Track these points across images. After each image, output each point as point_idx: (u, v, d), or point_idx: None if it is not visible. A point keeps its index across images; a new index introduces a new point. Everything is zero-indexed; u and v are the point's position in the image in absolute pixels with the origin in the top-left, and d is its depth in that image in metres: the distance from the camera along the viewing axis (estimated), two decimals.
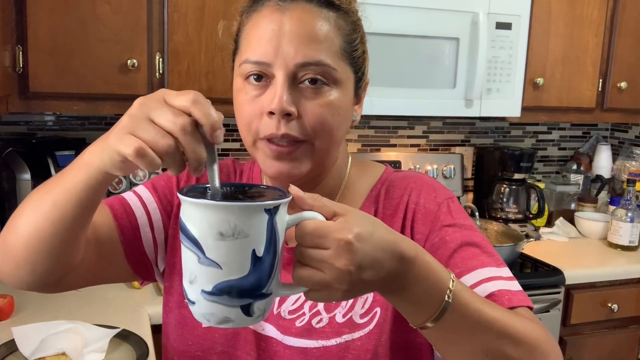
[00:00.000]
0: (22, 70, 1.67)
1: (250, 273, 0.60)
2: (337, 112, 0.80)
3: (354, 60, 0.83)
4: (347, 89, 0.82)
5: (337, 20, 0.81)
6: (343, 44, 0.81)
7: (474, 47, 2.04)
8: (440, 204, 0.87)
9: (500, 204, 2.50)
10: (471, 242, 0.83)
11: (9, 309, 1.48)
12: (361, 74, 0.85)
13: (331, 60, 0.79)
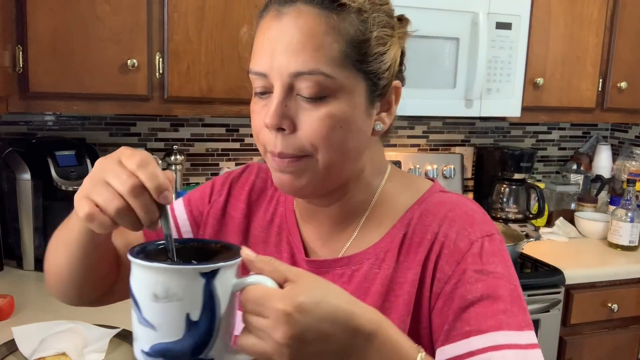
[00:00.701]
0: (22, 70, 1.67)
1: (184, 337, 0.58)
2: (339, 124, 0.73)
3: (364, 65, 0.74)
4: (353, 98, 0.74)
5: (339, 22, 0.72)
6: (346, 48, 0.72)
7: (474, 47, 2.04)
8: (473, 242, 0.74)
9: (500, 204, 2.50)
10: (494, 295, 0.71)
11: (9, 309, 1.48)
12: (377, 78, 0.76)
13: (329, 68, 0.71)
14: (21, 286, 1.70)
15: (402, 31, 0.81)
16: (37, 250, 1.83)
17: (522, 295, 0.73)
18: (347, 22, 0.73)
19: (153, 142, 2.21)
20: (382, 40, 0.76)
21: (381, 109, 0.79)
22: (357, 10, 0.73)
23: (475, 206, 0.80)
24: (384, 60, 0.76)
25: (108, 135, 2.15)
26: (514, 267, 0.76)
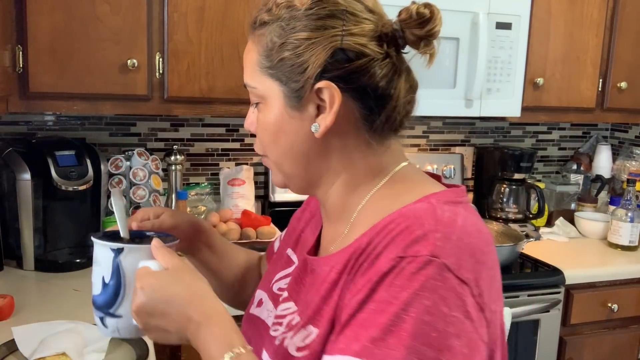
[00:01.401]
0: (22, 70, 1.67)
1: (101, 293, 0.82)
2: (264, 128, 0.81)
3: (277, 70, 0.78)
4: (272, 103, 0.79)
5: (259, 35, 0.79)
6: (259, 57, 0.79)
7: (474, 47, 2.04)
8: (396, 260, 0.67)
9: (500, 204, 2.50)
10: (366, 320, 0.66)
11: (9, 309, 1.48)
12: (294, 81, 0.77)
13: (250, 79, 0.81)
14: (21, 286, 1.70)
15: (354, 30, 0.77)
16: (37, 250, 1.83)
17: (426, 334, 0.63)
18: (265, 34, 0.79)
19: (153, 142, 2.21)
20: (290, 44, 0.77)
21: (319, 112, 0.78)
22: (272, 25, 0.78)
23: (430, 220, 0.70)
24: (296, 64, 0.77)
25: (108, 135, 2.15)
26: (443, 299, 0.65)
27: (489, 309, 0.70)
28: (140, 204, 2.04)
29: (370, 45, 0.77)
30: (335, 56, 0.76)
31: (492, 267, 0.74)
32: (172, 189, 2.08)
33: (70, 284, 1.72)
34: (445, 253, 0.67)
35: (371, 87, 0.77)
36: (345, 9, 0.77)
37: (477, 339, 0.67)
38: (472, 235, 0.71)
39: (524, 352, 1.99)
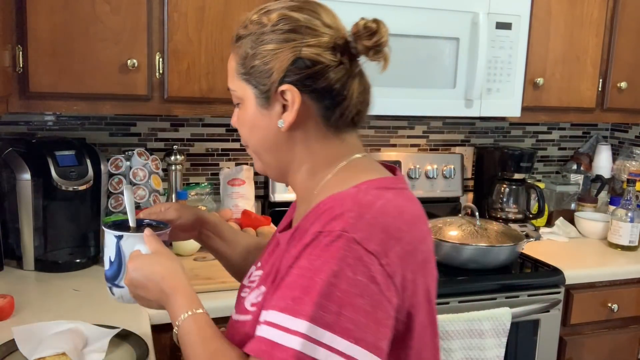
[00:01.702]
0: (22, 70, 1.67)
1: (109, 269, 1.06)
2: (242, 124, 0.99)
3: (251, 75, 0.94)
4: (249, 103, 0.96)
5: (238, 46, 0.97)
6: (236, 65, 0.96)
7: (474, 47, 2.04)
8: (317, 234, 0.82)
9: (500, 204, 2.50)
10: (290, 284, 0.81)
11: (9, 309, 1.48)
12: (262, 85, 0.93)
13: (231, 83, 0.99)
14: (21, 286, 1.70)
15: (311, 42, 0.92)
16: (37, 250, 1.83)
17: (331, 293, 0.77)
18: (243, 46, 0.96)
19: (153, 142, 2.21)
20: (259, 55, 0.93)
21: (284, 110, 0.93)
22: (247, 38, 0.95)
23: (350, 202, 0.85)
24: (263, 70, 0.93)
25: (108, 135, 2.15)
26: (349, 265, 0.79)
27: (401, 277, 0.83)
28: (140, 204, 2.04)
29: (325, 55, 0.92)
30: (295, 64, 0.91)
31: (410, 243, 0.85)
32: (172, 189, 2.08)
33: (70, 284, 1.72)
34: (355, 229, 0.81)
35: (327, 89, 0.93)
36: (304, 24, 0.93)
37: (382, 299, 0.80)
38: (388, 215, 0.85)
39: (524, 352, 1.99)
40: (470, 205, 2.12)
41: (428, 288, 0.92)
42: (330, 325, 0.76)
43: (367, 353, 0.77)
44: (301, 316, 0.77)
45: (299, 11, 0.94)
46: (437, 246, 1.99)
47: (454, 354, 1.78)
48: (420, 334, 0.89)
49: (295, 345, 0.76)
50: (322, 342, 0.76)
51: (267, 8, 0.95)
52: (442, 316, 1.77)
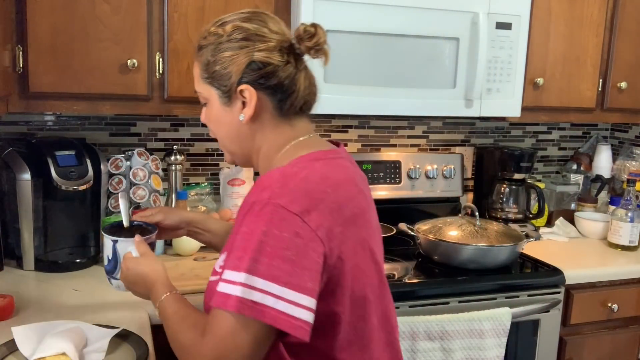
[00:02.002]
0: (22, 70, 1.67)
1: (107, 265, 1.31)
2: (210, 121, 1.20)
3: (213, 79, 1.14)
4: (214, 102, 1.16)
5: (200, 54, 1.16)
6: (200, 71, 1.16)
7: (474, 47, 2.04)
8: (252, 204, 1.01)
9: (500, 204, 2.50)
10: (236, 247, 1.00)
11: (9, 309, 1.48)
12: (223, 86, 1.13)
13: (197, 86, 1.19)
14: (21, 286, 1.70)
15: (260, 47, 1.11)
16: (37, 250, 1.83)
17: (261, 249, 0.96)
18: (204, 55, 1.15)
19: (153, 142, 2.21)
20: (219, 61, 1.12)
21: (244, 106, 1.13)
22: (207, 48, 1.14)
23: (278, 175, 1.04)
24: (223, 74, 1.12)
25: (108, 135, 2.15)
26: (275, 225, 0.97)
27: (327, 229, 1.00)
28: (140, 204, 2.04)
29: (274, 56, 1.11)
30: (249, 66, 1.10)
31: (334, 202, 1.03)
32: (172, 189, 2.08)
33: (70, 284, 1.72)
34: (280, 196, 0.99)
35: (278, 85, 1.12)
36: (254, 32, 1.11)
37: (307, 249, 0.97)
38: (311, 182, 1.03)
39: (524, 352, 1.99)
40: (470, 205, 2.12)
41: (364, 237, 1.10)
42: (262, 273, 0.95)
43: (294, 292, 0.95)
44: (240, 270, 0.96)
45: (249, 22, 1.12)
46: (437, 246, 2.00)
47: (454, 354, 1.78)
48: (356, 275, 1.06)
49: (237, 292, 0.95)
50: (257, 287, 0.95)
51: (222, 20, 1.14)
52: (442, 316, 1.77)
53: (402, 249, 2.19)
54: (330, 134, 2.44)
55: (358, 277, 1.06)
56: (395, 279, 1.91)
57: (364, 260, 1.09)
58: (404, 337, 1.73)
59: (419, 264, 2.06)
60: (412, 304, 1.80)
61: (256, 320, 0.95)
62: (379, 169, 2.40)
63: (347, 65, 1.92)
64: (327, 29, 1.87)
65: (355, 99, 1.95)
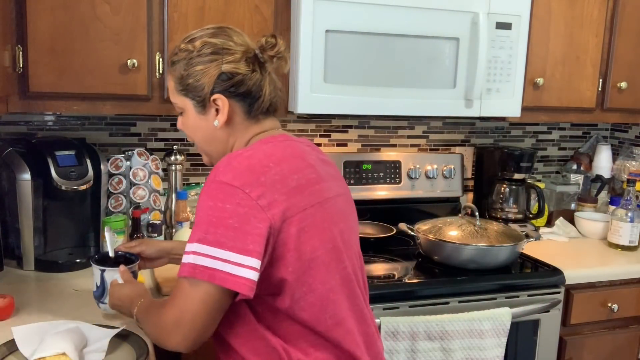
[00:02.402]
0: (22, 70, 1.67)
1: (95, 291, 1.46)
2: (187, 128, 1.31)
3: (187, 91, 1.25)
4: (190, 112, 1.27)
5: (173, 69, 1.28)
6: (175, 84, 1.27)
7: (474, 47, 2.04)
8: (204, 185, 1.14)
9: (500, 204, 2.50)
10: (197, 221, 1.12)
11: (9, 309, 1.48)
12: (198, 97, 1.24)
13: (173, 98, 1.30)
14: (21, 286, 1.70)
15: (228, 59, 1.22)
16: (37, 250, 1.83)
17: (208, 220, 1.09)
18: (177, 69, 1.27)
19: (153, 142, 2.21)
20: (192, 75, 1.23)
21: (216, 113, 1.25)
22: (179, 63, 1.26)
23: (225, 159, 1.15)
24: (197, 86, 1.24)
25: (108, 135, 2.15)
26: (219, 199, 1.09)
27: (270, 199, 1.11)
28: (140, 204, 2.04)
29: (240, 67, 1.23)
30: (220, 77, 1.22)
31: (277, 174, 1.14)
32: (172, 189, 2.08)
33: (70, 284, 1.72)
34: (223, 173, 1.12)
35: (246, 92, 1.24)
36: (221, 46, 1.23)
37: (249, 217, 1.08)
38: (254, 158, 1.15)
39: (524, 352, 1.99)
40: (470, 205, 2.12)
41: (312, 204, 1.18)
42: (210, 241, 1.08)
43: (238, 255, 1.07)
44: (193, 240, 1.09)
45: (216, 37, 1.24)
46: (437, 246, 2.00)
47: (454, 354, 1.78)
48: (303, 239, 1.14)
49: (190, 260, 1.09)
50: (205, 253, 1.08)
51: (190, 37, 1.26)
52: (442, 316, 1.77)
53: (402, 249, 2.19)
54: (330, 134, 2.44)
55: (305, 241, 1.15)
56: (395, 279, 1.91)
57: (313, 226, 1.17)
58: (404, 337, 1.73)
59: (419, 264, 2.06)
60: (412, 304, 1.80)
61: (207, 282, 1.07)
62: (379, 169, 2.40)
63: (347, 65, 1.92)
64: (327, 29, 1.89)
65: (355, 99, 1.95)
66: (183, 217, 2.04)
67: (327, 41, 1.88)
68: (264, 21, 1.89)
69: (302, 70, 1.86)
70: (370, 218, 2.34)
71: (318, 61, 1.88)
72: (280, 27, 1.91)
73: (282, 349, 1.15)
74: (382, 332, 1.70)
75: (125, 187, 2.03)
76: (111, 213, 2.00)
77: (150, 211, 2.06)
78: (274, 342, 1.15)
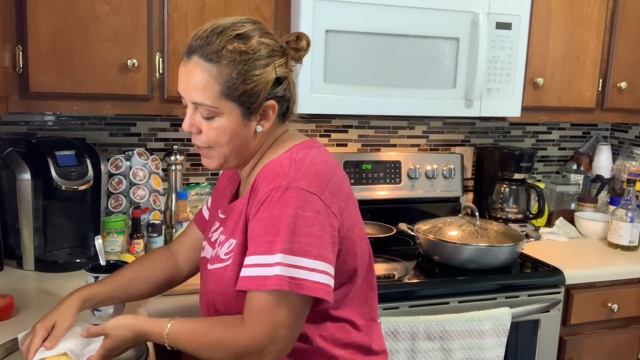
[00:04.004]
0: (22, 70, 1.67)
1: None
2: (223, 133, 1.14)
3: (237, 98, 1.11)
4: (232, 118, 1.13)
5: (218, 71, 1.10)
6: (222, 88, 1.11)
7: (474, 47, 2.04)
8: (270, 191, 1.09)
9: (500, 204, 2.50)
10: (259, 233, 1.08)
11: (9, 309, 1.48)
12: (249, 104, 1.12)
13: (211, 101, 1.12)
14: (21, 286, 1.70)
15: (279, 62, 1.14)
16: (37, 250, 1.83)
17: (292, 230, 1.05)
18: (223, 71, 1.10)
19: (153, 142, 2.21)
20: (249, 81, 1.11)
21: (261, 118, 1.16)
22: (228, 64, 1.10)
23: (287, 162, 1.12)
24: (252, 93, 1.12)
25: (108, 135, 2.15)
26: (299, 206, 1.06)
27: (337, 206, 1.11)
28: (140, 204, 2.04)
29: (286, 69, 1.16)
30: (274, 83, 1.14)
31: (336, 182, 1.14)
32: (172, 189, 2.08)
33: (70, 284, 1.71)
34: (297, 179, 1.08)
35: (287, 96, 1.18)
36: (272, 47, 1.14)
37: (327, 224, 1.08)
38: (318, 164, 1.13)
39: (524, 352, 1.99)
40: (470, 205, 2.12)
41: (357, 211, 1.22)
42: (296, 251, 1.04)
43: (322, 263, 1.06)
44: (276, 251, 1.04)
45: (267, 36, 1.14)
46: (437, 246, 2.00)
47: (454, 354, 1.78)
48: (358, 243, 1.18)
49: (276, 272, 1.03)
50: (293, 264, 1.04)
51: (242, 34, 1.12)
52: (442, 316, 1.77)
53: (402, 249, 2.19)
54: (330, 134, 2.44)
55: (356, 249, 1.19)
56: (395, 279, 1.91)
57: (360, 232, 1.22)
58: (404, 337, 1.73)
59: (419, 264, 2.06)
60: (412, 304, 1.80)
61: (293, 292, 1.04)
62: (379, 169, 2.40)
63: (347, 65, 1.92)
64: (327, 29, 1.89)
65: (355, 99, 1.95)
66: (183, 217, 2.04)
67: (327, 41, 1.88)
68: (264, 21, 1.87)
69: (302, 70, 1.87)
70: (370, 218, 2.34)
71: (318, 61, 1.88)
72: (280, 27, 1.91)
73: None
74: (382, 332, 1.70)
75: (125, 187, 2.03)
76: (111, 213, 2.00)
77: (150, 211, 2.06)
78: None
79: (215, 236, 1.27)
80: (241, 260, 1.13)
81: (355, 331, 1.22)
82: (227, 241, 1.20)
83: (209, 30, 1.12)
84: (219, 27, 1.12)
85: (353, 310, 1.22)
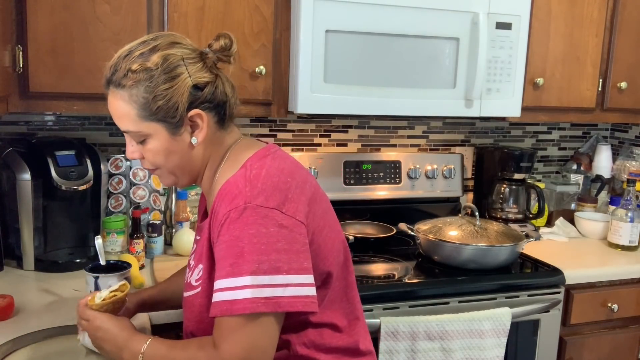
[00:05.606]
0: (22, 70, 1.67)
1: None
2: (157, 153, 1.15)
3: (155, 116, 1.11)
4: (160, 137, 1.13)
5: (128, 95, 1.11)
6: (138, 111, 1.11)
7: (474, 47, 2.04)
8: (228, 212, 1.06)
9: (500, 204, 2.50)
10: (223, 256, 1.05)
11: (9, 309, 1.48)
12: (171, 118, 1.11)
13: (133, 127, 1.13)
14: (21, 286, 1.70)
15: (195, 69, 1.13)
16: (37, 250, 1.83)
17: (258, 249, 1.02)
18: (133, 92, 1.10)
19: None
20: (159, 96, 1.09)
21: (193, 130, 1.14)
22: (134, 85, 1.10)
23: (242, 182, 1.08)
24: (169, 107, 1.10)
25: (108, 135, 2.15)
26: (260, 224, 1.04)
27: (303, 213, 1.10)
28: (140, 204, 2.04)
29: (205, 74, 1.14)
30: (192, 91, 1.12)
31: (297, 187, 1.11)
32: (172, 189, 2.08)
33: (70, 284, 1.72)
34: (254, 197, 1.06)
35: (217, 100, 1.15)
36: (182, 56, 1.12)
37: (294, 235, 1.06)
38: (273, 176, 1.10)
39: (524, 352, 1.99)
40: (470, 205, 2.12)
41: (324, 209, 1.20)
42: (265, 270, 1.02)
43: (297, 276, 1.04)
44: (243, 274, 1.01)
45: (175, 46, 1.13)
46: (437, 246, 2.00)
47: (454, 354, 1.78)
48: (329, 244, 1.18)
49: (247, 295, 1.01)
50: (264, 284, 1.01)
51: (141, 52, 1.11)
52: (442, 316, 1.77)
53: (402, 249, 2.19)
54: (330, 134, 2.44)
55: (327, 252, 1.17)
56: (395, 279, 1.91)
57: (330, 232, 1.20)
58: (404, 337, 1.73)
59: (419, 264, 2.06)
60: (412, 304, 1.80)
61: (270, 312, 1.02)
62: (379, 169, 2.40)
63: (347, 65, 1.92)
64: (327, 29, 1.89)
65: (355, 99, 1.95)
66: (183, 217, 2.04)
67: (327, 41, 1.88)
68: (264, 21, 1.89)
69: (302, 70, 1.86)
70: (370, 218, 2.34)
71: (318, 61, 1.88)
72: (280, 27, 1.91)
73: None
74: (382, 332, 1.70)
75: (125, 187, 2.03)
76: (111, 213, 2.00)
77: (150, 211, 2.06)
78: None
79: (191, 260, 1.26)
80: (209, 286, 1.11)
81: (338, 334, 1.21)
82: (196, 267, 1.19)
83: (116, 57, 1.13)
84: (124, 51, 1.13)
85: (334, 312, 1.20)
